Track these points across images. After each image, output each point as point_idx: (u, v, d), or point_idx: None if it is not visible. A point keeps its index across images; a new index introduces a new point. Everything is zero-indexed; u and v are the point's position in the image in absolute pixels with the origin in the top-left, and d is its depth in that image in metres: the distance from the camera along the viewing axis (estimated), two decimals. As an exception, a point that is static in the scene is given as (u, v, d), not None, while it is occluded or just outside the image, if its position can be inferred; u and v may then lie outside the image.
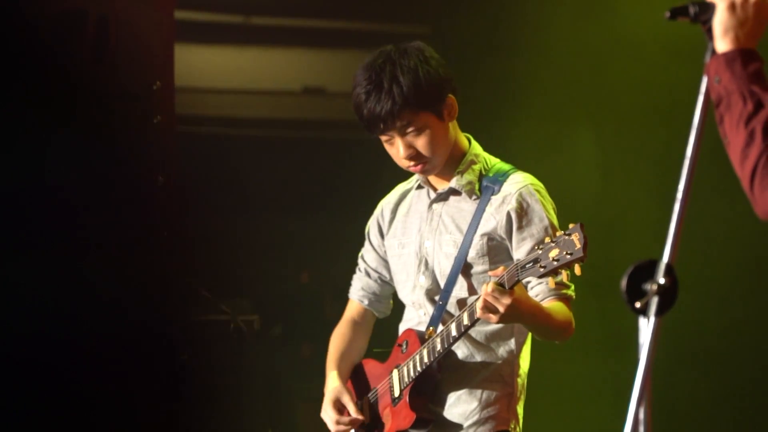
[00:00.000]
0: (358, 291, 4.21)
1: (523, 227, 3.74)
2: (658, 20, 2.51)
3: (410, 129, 3.76)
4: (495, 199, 3.79)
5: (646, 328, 2.26)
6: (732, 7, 2.49)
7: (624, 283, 2.27)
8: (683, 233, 2.30)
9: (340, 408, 4.01)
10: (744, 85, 2.46)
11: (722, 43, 2.50)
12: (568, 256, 3.37)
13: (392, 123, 3.75)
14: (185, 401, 5.66)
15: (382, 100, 3.73)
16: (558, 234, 3.42)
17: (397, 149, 3.81)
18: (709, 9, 2.51)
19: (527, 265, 3.45)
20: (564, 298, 3.72)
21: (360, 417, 3.97)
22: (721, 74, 2.48)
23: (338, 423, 3.98)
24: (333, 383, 4.06)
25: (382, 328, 4.07)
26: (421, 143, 3.78)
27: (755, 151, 2.42)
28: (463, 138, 3.92)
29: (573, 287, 3.74)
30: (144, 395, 5.47)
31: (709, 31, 2.51)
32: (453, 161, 3.88)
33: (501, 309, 3.47)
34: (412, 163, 3.81)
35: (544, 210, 3.75)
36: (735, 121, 2.45)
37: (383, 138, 3.84)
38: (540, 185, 3.83)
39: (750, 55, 2.49)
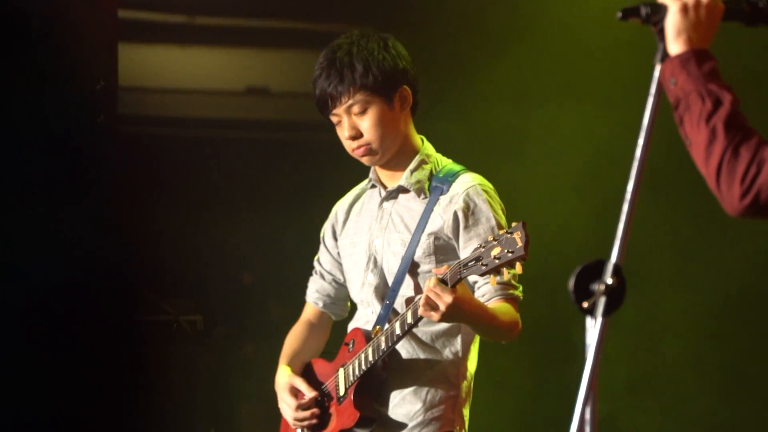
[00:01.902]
0: (314, 293, 4.22)
1: (470, 227, 3.75)
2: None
3: (357, 109, 3.80)
4: (443, 199, 3.80)
5: (592, 328, 2.26)
6: (684, 10, 2.50)
7: (572, 282, 2.27)
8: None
9: (295, 394, 4.01)
10: (701, 85, 2.47)
11: (675, 45, 2.51)
12: (510, 254, 3.37)
13: (339, 101, 3.80)
14: (127, 401, 5.64)
15: (333, 77, 3.79)
16: (501, 232, 3.43)
17: (343, 130, 3.84)
18: (661, 10, 2.51)
19: (470, 263, 3.46)
20: (511, 299, 3.73)
21: (315, 393, 3.97)
22: (677, 76, 2.49)
23: (298, 408, 3.98)
24: (284, 373, 4.07)
25: (342, 331, 4.07)
26: (365, 125, 3.81)
27: (718, 147, 2.43)
28: (417, 137, 3.94)
29: (521, 288, 3.75)
30: (85, 395, 5.44)
31: (661, 32, 2.52)
32: (404, 159, 3.90)
33: (442, 306, 3.47)
34: (355, 145, 3.84)
35: (491, 210, 3.76)
36: (695, 121, 2.46)
37: (334, 120, 3.87)
38: (489, 186, 3.84)
39: (704, 55, 2.50)
